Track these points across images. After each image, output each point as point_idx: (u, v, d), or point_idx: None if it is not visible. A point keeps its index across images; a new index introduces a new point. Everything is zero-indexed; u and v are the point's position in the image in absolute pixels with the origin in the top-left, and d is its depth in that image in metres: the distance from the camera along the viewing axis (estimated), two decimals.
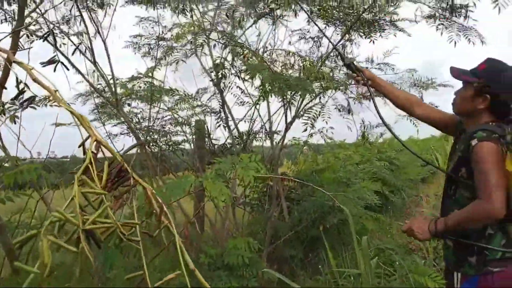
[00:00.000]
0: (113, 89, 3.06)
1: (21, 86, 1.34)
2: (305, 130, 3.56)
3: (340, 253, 3.46)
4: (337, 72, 3.75)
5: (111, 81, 3.10)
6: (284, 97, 3.31)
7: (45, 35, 2.16)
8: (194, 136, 3.65)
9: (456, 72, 1.76)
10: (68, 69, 1.95)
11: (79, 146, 0.93)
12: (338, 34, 3.41)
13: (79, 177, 0.79)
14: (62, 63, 1.80)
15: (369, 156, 5.34)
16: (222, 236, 3.24)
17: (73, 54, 2.55)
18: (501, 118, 1.64)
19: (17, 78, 1.33)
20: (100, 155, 0.88)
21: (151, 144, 3.44)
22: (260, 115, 3.51)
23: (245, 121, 3.52)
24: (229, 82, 3.31)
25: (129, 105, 3.34)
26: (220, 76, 3.13)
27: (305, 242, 3.89)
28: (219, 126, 3.48)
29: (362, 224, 3.88)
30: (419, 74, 3.86)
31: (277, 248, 3.70)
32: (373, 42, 3.44)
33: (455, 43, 2.77)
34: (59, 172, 3.14)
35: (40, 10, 2.65)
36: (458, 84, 1.77)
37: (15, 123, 2.14)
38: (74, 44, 2.58)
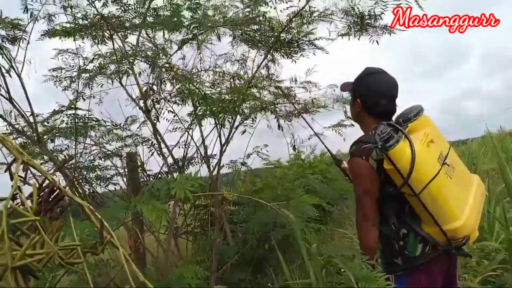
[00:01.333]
0: (34, 126, 2.86)
1: None
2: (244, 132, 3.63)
3: (289, 268, 3.45)
4: (264, 92, 3.87)
5: (31, 118, 2.90)
6: (216, 119, 3.33)
7: None
8: (126, 169, 3.49)
9: (342, 86, 1.87)
10: None
11: (5, 171, 0.86)
12: (261, 55, 3.54)
13: (7, 206, 0.73)
14: None
15: (302, 171, 5.48)
16: (166, 268, 3.10)
17: None
18: (386, 119, 1.69)
19: None
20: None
21: (80, 181, 3.23)
22: (193, 139, 3.48)
23: (179, 146, 3.46)
24: (160, 108, 3.25)
25: (52, 141, 3.13)
26: (149, 103, 3.07)
27: (252, 263, 3.85)
28: (152, 154, 3.38)
29: (305, 238, 3.93)
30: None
31: (225, 273, 3.61)
32: (295, 62, 3.61)
33: (377, 42, 3.02)
34: None
35: None
36: None
37: None
38: None
